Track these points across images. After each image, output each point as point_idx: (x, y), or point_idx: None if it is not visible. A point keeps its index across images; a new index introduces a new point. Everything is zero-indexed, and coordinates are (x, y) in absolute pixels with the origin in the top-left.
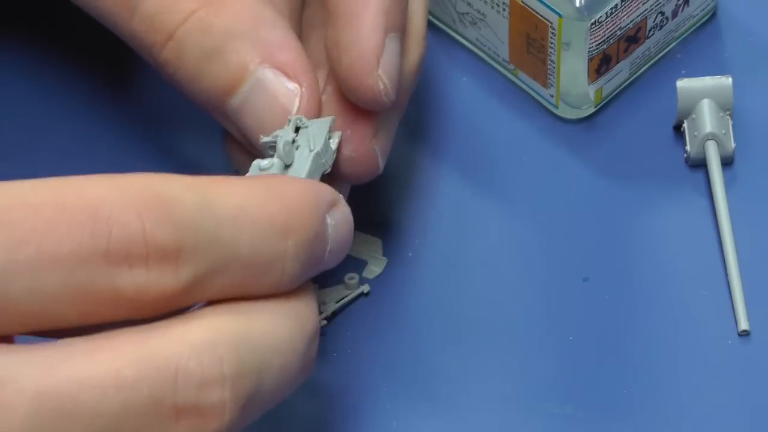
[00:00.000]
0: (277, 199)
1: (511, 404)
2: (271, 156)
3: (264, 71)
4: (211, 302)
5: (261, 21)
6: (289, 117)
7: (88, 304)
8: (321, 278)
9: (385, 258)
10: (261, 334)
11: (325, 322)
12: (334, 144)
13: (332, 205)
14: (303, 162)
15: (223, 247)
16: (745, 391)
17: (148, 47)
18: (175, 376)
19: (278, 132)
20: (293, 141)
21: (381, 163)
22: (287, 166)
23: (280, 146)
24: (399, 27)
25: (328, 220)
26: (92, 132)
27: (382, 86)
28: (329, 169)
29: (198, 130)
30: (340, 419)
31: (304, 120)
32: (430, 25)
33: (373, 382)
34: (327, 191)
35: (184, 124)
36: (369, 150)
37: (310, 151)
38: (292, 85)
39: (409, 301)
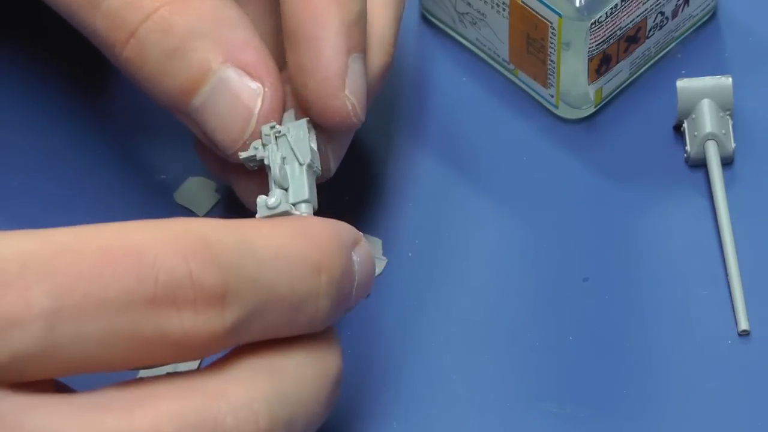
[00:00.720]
0: (308, 237)
1: (511, 404)
2: (252, 167)
3: (226, 71)
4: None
5: (223, 20)
6: (262, 128)
7: (134, 349)
8: None
9: (385, 258)
10: (290, 387)
11: None
12: (313, 142)
13: (356, 243)
14: (300, 180)
15: (264, 288)
16: (745, 391)
17: (111, 45)
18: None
19: (256, 144)
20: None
21: (359, 113)
22: (285, 189)
23: (276, 173)
24: (360, 46)
25: (354, 257)
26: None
27: (350, 106)
28: (320, 173)
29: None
30: (340, 419)
31: (278, 127)
32: (431, 25)
33: (372, 382)
34: (349, 230)
35: (162, 126)
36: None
37: (300, 164)
38: (255, 85)
39: (409, 301)
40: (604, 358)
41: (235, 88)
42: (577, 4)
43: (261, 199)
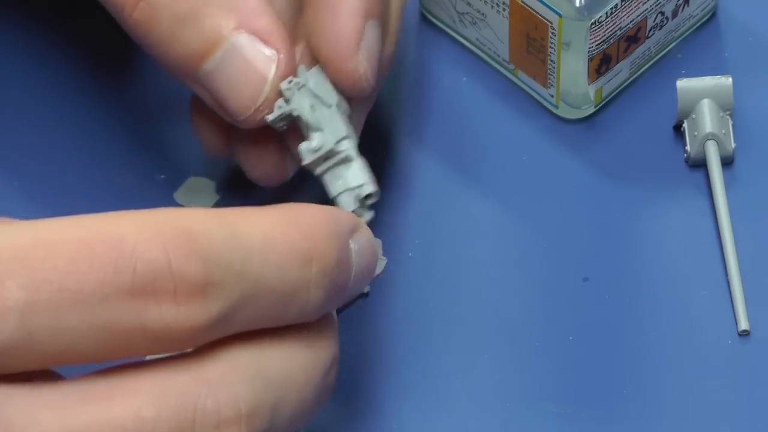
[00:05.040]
0: (300, 227)
1: (511, 404)
2: (281, 127)
3: (239, 37)
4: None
5: None
6: (281, 85)
7: (113, 341)
8: None
9: (385, 258)
10: (276, 371)
11: None
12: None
13: (354, 230)
14: (333, 120)
15: (251, 279)
16: (745, 391)
17: (120, 7)
18: (194, 415)
19: (280, 103)
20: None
21: (371, 78)
22: (321, 132)
23: (309, 118)
24: (378, 14)
25: (352, 245)
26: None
27: (362, 70)
28: (349, 111)
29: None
30: (340, 419)
31: (296, 79)
32: (431, 25)
33: (373, 382)
34: (347, 217)
35: (162, 126)
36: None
37: (329, 106)
38: (269, 51)
39: (409, 301)
40: (604, 358)
41: (248, 55)
42: (577, 4)
43: (303, 145)
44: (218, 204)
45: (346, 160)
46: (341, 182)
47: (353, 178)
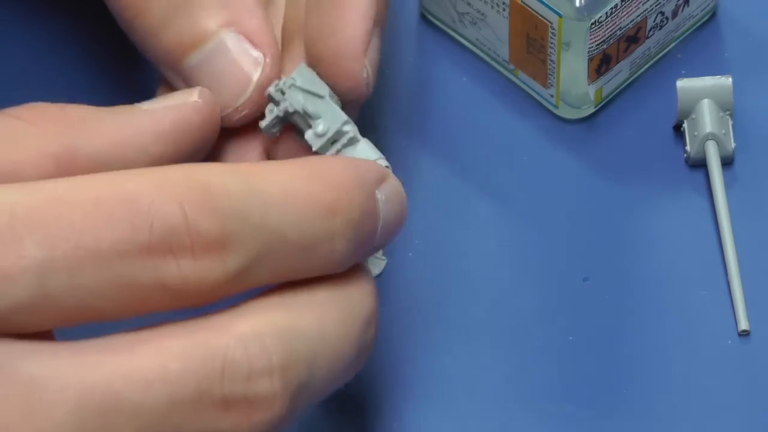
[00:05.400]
0: (321, 178)
1: (511, 404)
2: (274, 133)
3: (228, 35)
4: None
5: None
6: (268, 91)
7: (131, 298)
8: None
9: (385, 258)
10: (310, 323)
11: None
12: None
13: (381, 180)
14: (330, 109)
15: (270, 232)
16: (745, 391)
17: None
18: (222, 367)
19: (270, 107)
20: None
21: (371, 83)
22: (322, 118)
23: (308, 108)
24: (382, 23)
25: (378, 196)
26: None
27: (365, 75)
28: (340, 104)
29: None
30: (340, 419)
31: (283, 79)
32: (431, 25)
33: (373, 382)
34: (374, 167)
35: None
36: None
37: (321, 97)
38: (257, 53)
39: (409, 301)
40: (604, 358)
41: (235, 54)
42: (577, 4)
43: (309, 133)
44: None
45: (353, 141)
46: None
47: (364, 155)
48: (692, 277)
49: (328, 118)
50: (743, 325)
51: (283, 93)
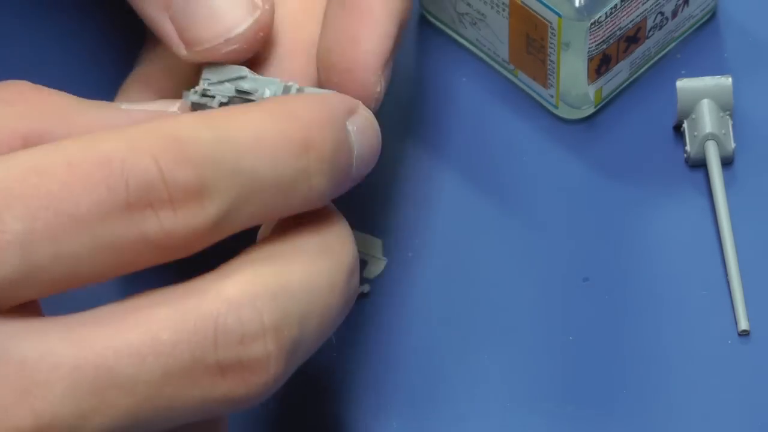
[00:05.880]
0: (291, 116)
1: (511, 404)
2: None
3: None
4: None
5: None
6: (190, 100)
7: (117, 257)
8: None
9: (385, 258)
10: (299, 280)
11: None
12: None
13: (351, 111)
14: (261, 80)
15: (246, 176)
16: (745, 391)
17: None
18: (215, 334)
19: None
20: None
21: (379, 100)
22: (259, 90)
23: (241, 86)
24: (398, 45)
25: (350, 127)
26: None
27: (378, 89)
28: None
29: None
30: (341, 419)
31: (198, 86)
32: (431, 25)
33: (373, 382)
34: (342, 99)
35: None
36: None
37: (244, 77)
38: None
39: (409, 301)
40: (604, 358)
41: None
42: (577, 4)
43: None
44: None
45: (302, 91)
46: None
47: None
48: (692, 277)
49: (266, 84)
50: (743, 325)
51: (205, 95)
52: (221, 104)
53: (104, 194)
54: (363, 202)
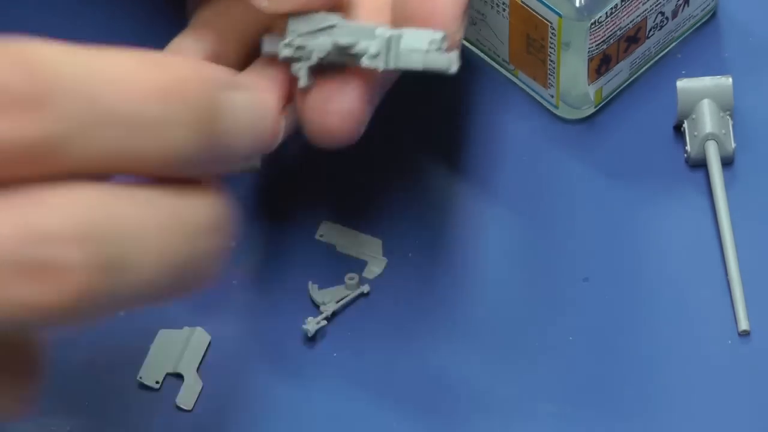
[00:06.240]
0: (160, 65)
1: (511, 404)
2: (311, 86)
3: None
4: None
5: None
6: (282, 54)
7: None
8: (321, 278)
9: (385, 258)
10: (131, 206)
11: (325, 322)
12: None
13: (230, 86)
14: (354, 29)
15: (96, 102)
16: (745, 391)
17: None
18: (26, 231)
19: (301, 66)
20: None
21: (361, 130)
22: (359, 44)
23: (338, 41)
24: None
25: (225, 98)
26: None
27: (458, 37)
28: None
29: None
30: (341, 419)
31: (288, 38)
32: None
33: (373, 382)
34: (222, 73)
35: None
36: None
37: (334, 26)
38: None
39: (409, 301)
40: (604, 358)
41: None
42: (577, 4)
43: (365, 61)
44: None
45: (399, 35)
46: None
47: (419, 35)
48: (692, 277)
49: (364, 35)
50: (743, 325)
51: (297, 47)
52: (320, 60)
53: None
54: (363, 202)
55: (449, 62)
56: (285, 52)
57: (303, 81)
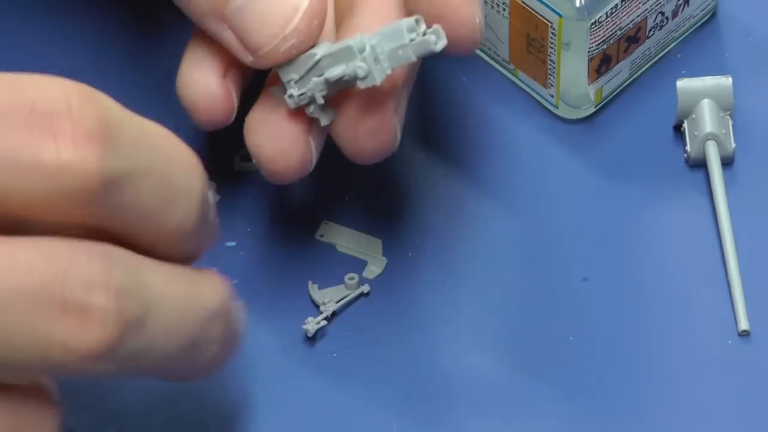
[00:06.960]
0: (182, 147)
1: (511, 404)
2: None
3: None
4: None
5: None
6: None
7: (6, 176)
8: (321, 278)
9: (385, 258)
10: (154, 280)
11: (325, 322)
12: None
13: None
14: (336, 49)
15: (145, 154)
16: (745, 391)
17: None
18: (67, 270)
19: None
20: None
21: (397, 139)
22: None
23: (330, 76)
24: None
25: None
26: None
27: (478, 20)
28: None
29: None
30: (340, 419)
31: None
32: None
33: (373, 382)
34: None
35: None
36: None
37: (314, 55)
38: None
39: (409, 301)
40: (604, 358)
41: None
42: (577, 4)
43: (360, 84)
44: (218, 202)
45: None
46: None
47: (394, 35)
48: (692, 277)
49: (348, 57)
50: (743, 325)
51: (299, 95)
52: (324, 97)
53: (6, 105)
54: (363, 202)
55: (434, 42)
56: (291, 104)
57: (324, 120)
